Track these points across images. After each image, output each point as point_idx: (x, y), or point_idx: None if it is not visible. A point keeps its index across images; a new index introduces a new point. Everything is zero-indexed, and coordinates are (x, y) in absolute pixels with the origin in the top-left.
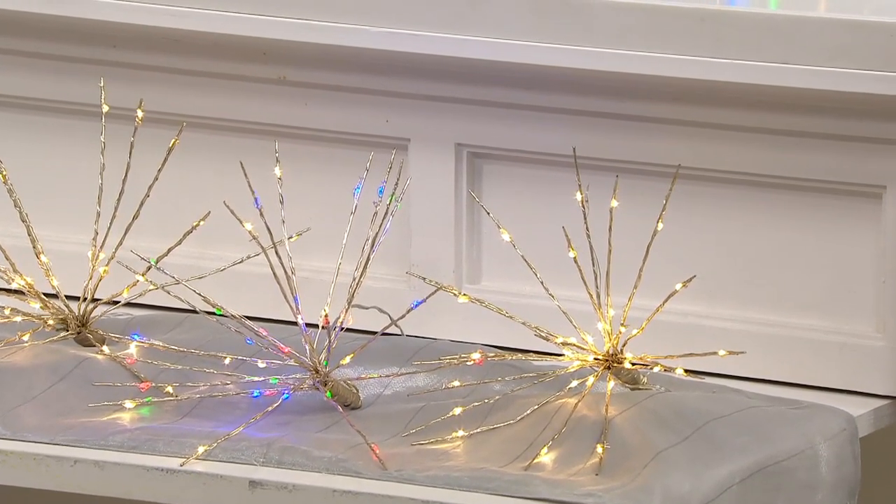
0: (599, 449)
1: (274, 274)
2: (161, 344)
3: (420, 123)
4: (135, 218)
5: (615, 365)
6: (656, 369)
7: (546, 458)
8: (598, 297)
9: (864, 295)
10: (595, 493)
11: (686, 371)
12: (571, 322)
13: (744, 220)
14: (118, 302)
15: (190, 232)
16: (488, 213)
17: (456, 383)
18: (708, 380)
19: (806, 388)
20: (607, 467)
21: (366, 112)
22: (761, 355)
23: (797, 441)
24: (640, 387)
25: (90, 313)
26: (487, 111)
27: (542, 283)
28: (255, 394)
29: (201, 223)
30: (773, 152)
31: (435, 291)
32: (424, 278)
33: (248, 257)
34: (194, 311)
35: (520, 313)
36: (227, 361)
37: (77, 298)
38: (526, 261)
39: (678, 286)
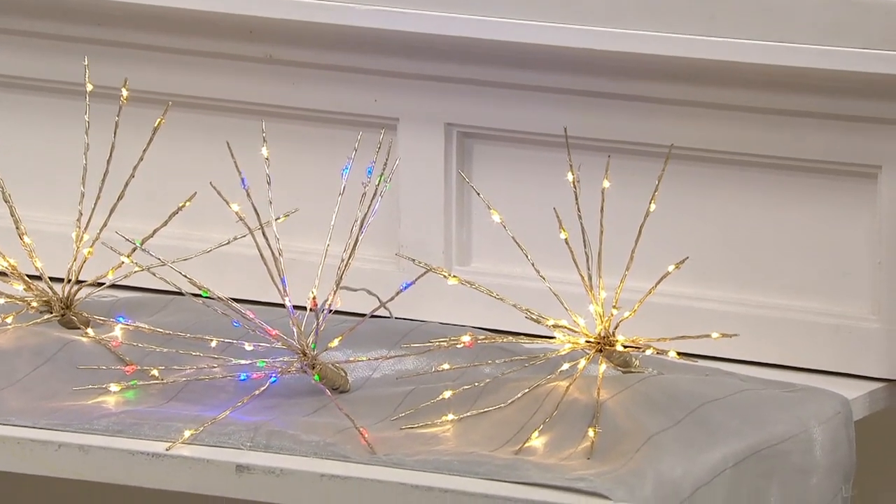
0: (591, 433)
1: (261, 255)
2: (146, 326)
3: (409, 103)
4: (119, 199)
5: (607, 347)
6: (649, 352)
7: (537, 442)
8: (590, 278)
9: (859, 276)
10: (586, 478)
11: (679, 354)
12: (563, 304)
13: (737, 201)
14: (103, 284)
15: (176, 213)
16: (478, 194)
17: (445, 366)
18: (701, 363)
19: (800, 371)
20: (599, 451)
21: (354, 91)
22: (755, 338)
23: (791, 425)
24: (633, 370)
25: (74, 295)
26: (478, 90)
27: (532, 264)
28: (242, 377)
29: (187, 204)
30: (767, 132)
31: (424, 273)
32: (413, 260)
33: (235, 238)
34: (180, 293)
35: (510, 295)
36: (213, 344)
37: (61, 280)
38: (516, 242)
39: (671, 268)
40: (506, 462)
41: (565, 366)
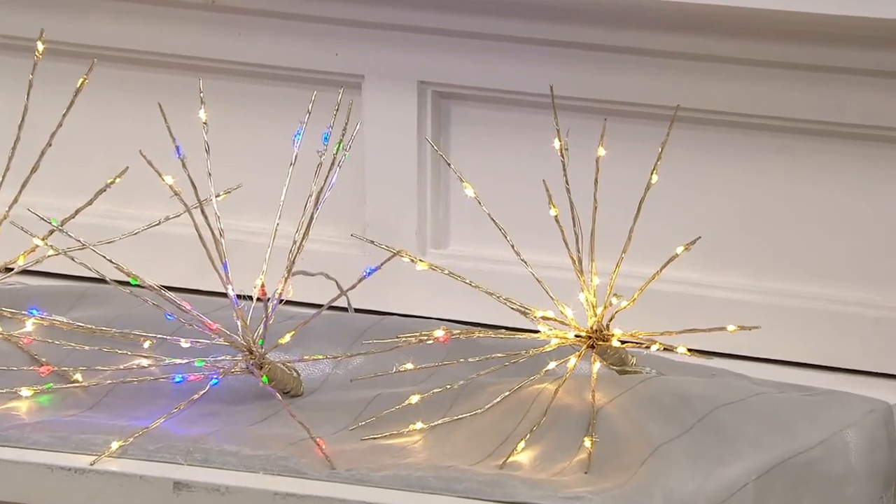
0: (587, 443)
1: (199, 236)
2: (64, 321)
3: (376, 57)
4: (33, 171)
5: (599, 343)
6: (654, 348)
7: (524, 454)
8: (580, 262)
9: None
10: (583, 496)
11: (689, 350)
12: (547, 291)
13: (758, 172)
14: (12, 269)
15: (103, 191)
16: (448, 164)
17: (409, 366)
18: (714, 361)
19: (833, 371)
20: (597, 465)
21: (311, 44)
22: (779, 332)
23: (820, 429)
24: (629, 369)
25: None
26: (455, 43)
27: (512, 246)
28: (178, 379)
29: (118, 181)
30: (793, 91)
31: (391, 257)
32: (373, 241)
33: (169, 217)
34: (104, 281)
35: (496, 282)
36: (143, 342)
37: None
38: (492, 219)
39: (679, 249)
40: (489, 478)
41: (552, 364)
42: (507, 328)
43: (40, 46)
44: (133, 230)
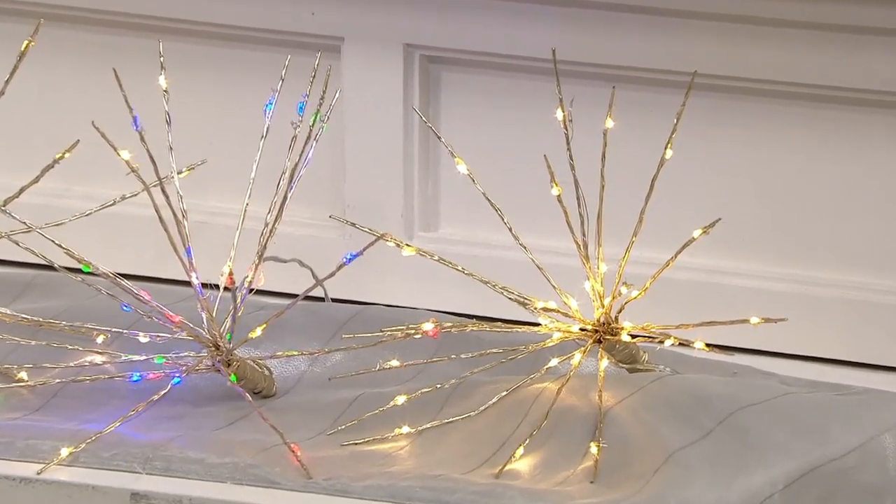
0: (593, 448)
1: (160, 218)
2: (8, 312)
3: (357, 18)
4: None
5: (607, 337)
6: (668, 343)
7: (523, 461)
8: (586, 247)
9: None
10: None
11: (707, 345)
12: (549, 280)
13: (783, 146)
14: None
15: (51, 167)
16: (439, 138)
17: (394, 363)
18: (735, 357)
19: (867, 369)
20: (605, 473)
21: (285, 2)
22: (808, 324)
23: (854, 434)
24: (640, 366)
25: None
26: (445, 2)
27: (509, 228)
28: (135, 378)
29: (67, 156)
30: (822, 55)
31: (374, 242)
32: (354, 224)
33: (125, 197)
34: (52, 268)
35: (492, 269)
36: (97, 336)
37: None
38: (488, 199)
39: (696, 233)
40: (484, 488)
41: (554, 361)
42: (503, 321)
43: None
44: (85, 211)
